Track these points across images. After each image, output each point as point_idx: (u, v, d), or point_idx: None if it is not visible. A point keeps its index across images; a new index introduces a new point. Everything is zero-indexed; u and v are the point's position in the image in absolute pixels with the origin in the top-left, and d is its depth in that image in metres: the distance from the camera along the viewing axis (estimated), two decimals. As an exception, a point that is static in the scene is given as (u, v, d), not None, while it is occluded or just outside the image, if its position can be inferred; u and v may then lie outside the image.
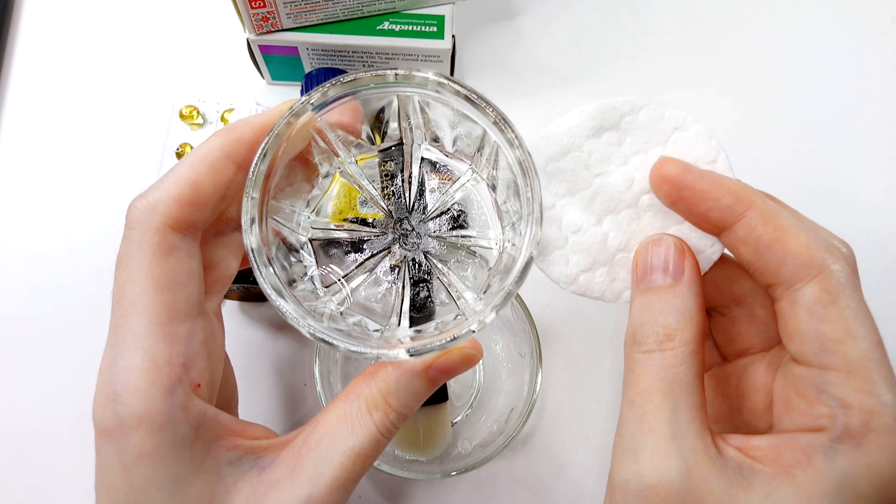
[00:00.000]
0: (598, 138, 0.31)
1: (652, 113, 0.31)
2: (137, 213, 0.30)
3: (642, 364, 0.29)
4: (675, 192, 0.30)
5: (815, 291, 0.27)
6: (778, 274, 0.28)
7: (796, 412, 0.28)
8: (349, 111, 0.30)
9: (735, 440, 0.28)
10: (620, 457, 0.29)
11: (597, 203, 0.32)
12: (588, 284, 0.32)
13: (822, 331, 0.27)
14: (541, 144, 0.32)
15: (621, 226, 0.32)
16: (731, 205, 0.29)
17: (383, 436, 0.31)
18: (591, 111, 0.31)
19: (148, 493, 0.28)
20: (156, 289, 0.29)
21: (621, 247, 0.32)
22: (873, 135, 0.56)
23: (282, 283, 0.28)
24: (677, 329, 0.29)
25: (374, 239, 0.32)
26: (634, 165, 0.32)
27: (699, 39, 0.58)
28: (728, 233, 0.30)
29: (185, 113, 0.50)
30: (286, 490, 0.30)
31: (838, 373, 0.27)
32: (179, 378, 0.29)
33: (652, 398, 0.28)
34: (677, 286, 0.30)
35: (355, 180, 0.33)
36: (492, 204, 0.33)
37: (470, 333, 0.27)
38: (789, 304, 0.28)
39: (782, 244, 0.28)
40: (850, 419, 0.26)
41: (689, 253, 0.31)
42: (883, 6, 0.59)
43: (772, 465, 0.27)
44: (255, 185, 0.28)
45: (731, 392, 0.34)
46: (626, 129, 0.32)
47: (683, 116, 0.31)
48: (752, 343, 0.34)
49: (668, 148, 0.32)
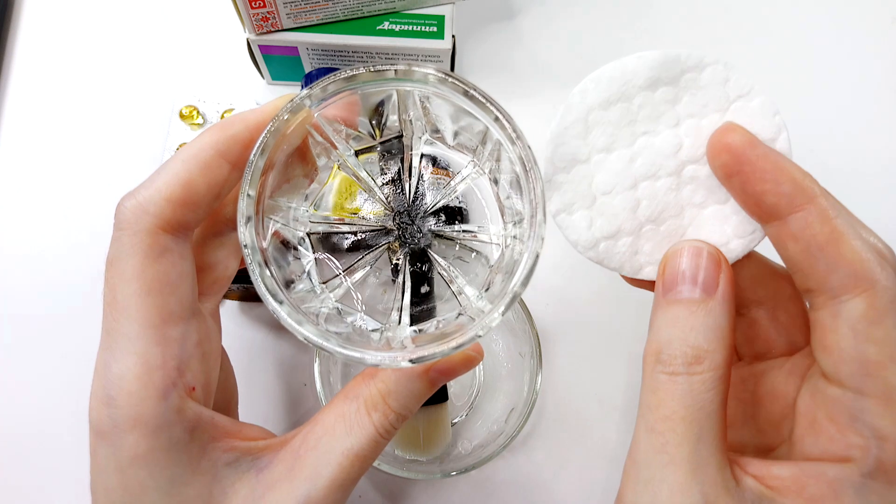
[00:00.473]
0: (652, 92, 0.29)
1: (717, 74, 0.29)
2: (127, 213, 0.29)
3: (666, 387, 0.27)
4: (734, 165, 0.28)
5: (863, 307, 0.25)
6: (824, 281, 0.26)
7: (823, 436, 0.27)
8: (346, 104, 0.30)
9: (753, 468, 0.27)
10: (635, 486, 0.27)
11: (636, 165, 0.29)
12: (608, 253, 0.30)
13: (863, 351, 0.25)
14: (588, 87, 0.29)
15: (657, 195, 0.29)
16: (791, 193, 0.27)
17: (382, 436, 0.31)
18: (652, 59, 0.28)
19: (143, 494, 0.28)
20: (147, 292, 0.28)
21: (652, 218, 0.29)
22: (873, 135, 0.56)
23: (279, 285, 0.27)
24: (708, 351, 0.27)
25: (374, 233, 0.32)
26: (686, 129, 0.29)
27: (699, 39, 0.58)
28: (779, 223, 0.27)
29: (185, 113, 0.50)
30: (284, 490, 0.29)
31: (876, 400, 0.25)
32: (173, 382, 0.28)
33: (675, 427, 0.26)
34: (710, 302, 0.27)
35: (354, 173, 0.32)
36: (493, 198, 0.32)
37: (474, 339, 0.26)
38: (831, 316, 0.26)
39: (836, 249, 0.26)
40: (884, 453, 0.25)
41: (725, 265, 0.28)
42: (883, 6, 0.59)
43: (794, 499, 0.25)
44: (252, 183, 0.28)
45: (746, 396, 0.32)
46: (686, 86, 0.29)
47: (750, 84, 0.29)
48: (773, 347, 0.32)
49: (728, 116, 0.29)
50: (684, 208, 0.30)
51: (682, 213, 0.30)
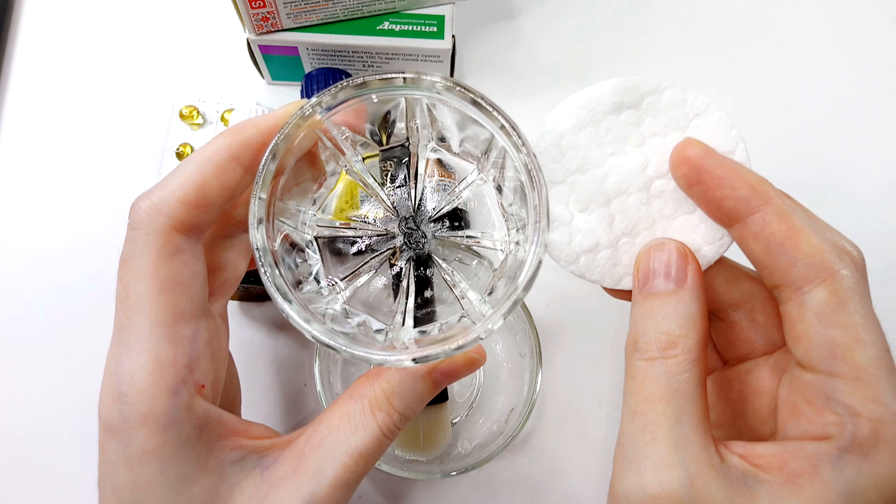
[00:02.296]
0: (617, 116, 0.31)
1: (675, 96, 0.31)
2: (142, 213, 0.29)
3: (644, 372, 0.28)
4: (694, 175, 0.30)
5: (824, 295, 0.27)
6: (787, 275, 0.28)
7: (803, 419, 0.28)
8: (353, 111, 0.30)
9: (738, 447, 0.28)
10: (622, 467, 0.28)
11: (608, 183, 0.31)
12: (589, 266, 0.31)
13: (830, 336, 0.27)
14: (559, 115, 0.31)
15: (629, 209, 0.31)
16: (748, 196, 0.28)
17: (386, 436, 0.31)
18: (614, 86, 0.30)
19: (152, 490, 0.28)
20: (160, 290, 0.29)
21: (626, 231, 0.31)
22: (873, 134, 0.56)
23: (287, 286, 0.28)
24: (680, 336, 0.28)
25: (379, 237, 0.32)
26: (651, 148, 0.31)
27: (699, 39, 0.59)
28: (740, 225, 0.29)
29: (185, 113, 0.50)
30: (289, 488, 0.30)
31: (846, 380, 0.26)
32: (184, 379, 0.29)
33: (655, 407, 0.27)
34: (680, 292, 0.29)
35: (361, 178, 0.33)
36: (497, 205, 0.32)
37: (476, 341, 0.27)
38: (797, 306, 0.28)
39: (794, 244, 0.27)
40: (858, 428, 0.26)
41: (692, 258, 0.30)
42: (883, 6, 0.59)
43: (777, 475, 0.26)
44: (264, 187, 0.28)
45: (733, 396, 0.33)
46: (647, 109, 0.31)
47: (706, 103, 0.31)
48: (754, 347, 0.33)
49: (688, 133, 0.31)
50: (656, 220, 0.31)
51: (654, 226, 0.31)
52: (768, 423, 0.31)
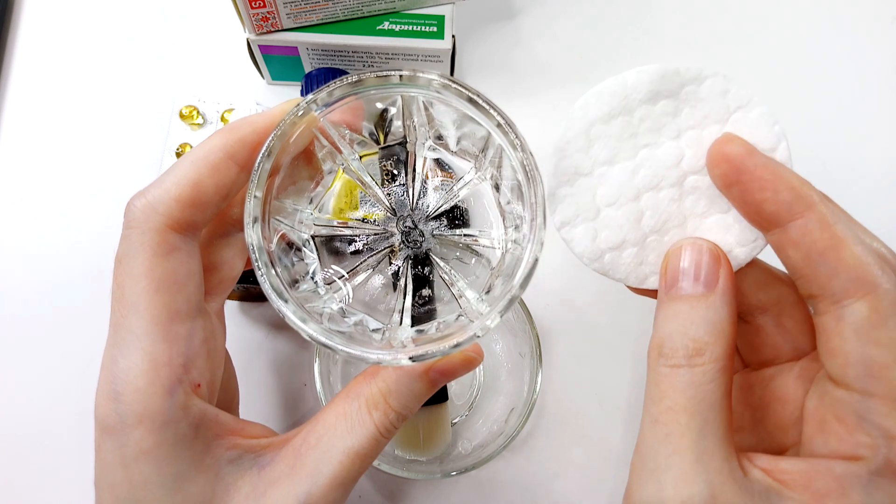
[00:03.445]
0: (653, 105, 0.29)
1: (716, 86, 0.29)
2: (137, 212, 0.29)
3: (669, 379, 0.27)
4: (733, 175, 0.28)
5: (865, 311, 0.26)
6: (826, 286, 0.26)
7: (832, 436, 0.27)
8: (350, 109, 0.30)
9: (762, 461, 0.27)
10: (640, 476, 0.27)
11: (639, 177, 0.29)
12: (613, 264, 0.30)
13: (868, 354, 0.25)
14: (590, 101, 0.29)
15: (660, 205, 0.30)
16: (790, 201, 0.27)
17: (383, 435, 0.31)
18: (652, 73, 0.29)
19: (148, 489, 0.28)
20: (156, 289, 0.29)
21: (656, 228, 0.30)
22: (873, 134, 0.56)
23: (283, 285, 0.28)
24: (708, 343, 0.27)
25: (377, 236, 0.32)
26: (687, 141, 0.29)
27: (699, 39, 0.58)
28: (779, 231, 0.28)
29: (185, 113, 0.50)
30: (285, 487, 0.30)
31: (883, 400, 0.25)
32: (179, 378, 0.29)
33: (678, 417, 0.26)
34: (710, 296, 0.28)
35: (358, 177, 0.33)
36: (495, 203, 0.32)
37: (473, 339, 0.27)
38: (834, 320, 0.26)
39: (837, 255, 0.26)
40: (892, 452, 0.25)
41: (724, 260, 0.29)
42: (883, 6, 0.59)
43: (802, 492, 0.25)
44: (259, 185, 0.28)
45: (755, 401, 0.32)
46: (686, 99, 0.29)
47: (749, 96, 0.29)
48: (780, 353, 0.32)
49: (728, 127, 0.29)
50: (687, 218, 0.30)
51: (684, 223, 0.30)
52: (791, 432, 0.30)
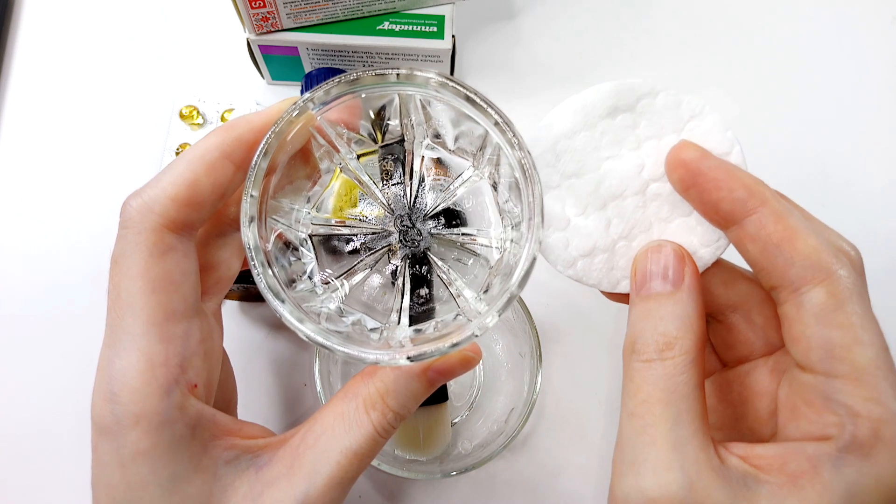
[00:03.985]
0: (612, 119, 0.31)
1: (670, 99, 0.31)
2: (133, 211, 0.29)
3: (642, 374, 0.28)
4: (690, 178, 0.30)
5: (822, 296, 0.27)
6: (784, 276, 0.28)
7: (803, 420, 0.28)
8: (348, 108, 0.30)
9: (738, 449, 0.28)
10: (621, 469, 0.28)
11: (603, 187, 0.31)
12: (586, 270, 0.32)
13: (828, 337, 0.27)
14: (553, 120, 0.31)
15: (625, 213, 0.31)
16: (744, 198, 0.28)
17: (380, 435, 0.31)
18: (609, 90, 0.30)
19: (145, 490, 0.28)
20: (152, 289, 0.29)
21: (623, 234, 0.31)
22: (873, 134, 0.56)
23: (280, 285, 0.28)
24: (677, 337, 0.28)
25: (375, 235, 0.32)
26: (646, 151, 0.31)
27: (699, 39, 0.58)
28: (737, 227, 0.29)
29: (185, 113, 0.50)
30: (283, 488, 0.30)
31: (846, 380, 0.26)
32: (176, 379, 0.29)
33: (653, 409, 0.27)
34: (677, 293, 0.29)
35: (356, 176, 0.32)
36: (493, 202, 0.32)
37: (471, 338, 0.27)
38: (794, 308, 0.28)
39: (791, 245, 0.27)
40: (858, 428, 0.26)
41: (689, 259, 0.30)
42: (883, 6, 0.59)
43: (777, 475, 0.26)
44: (255, 184, 0.28)
45: (733, 398, 0.33)
46: (642, 112, 0.31)
47: (701, 105, 0.31)
48: (752, 349, 0.33)
49: (684, 136, 0.31)
50: (652, 223, 0.31)
51: (650, 228, 0.31)
52: (769, 424, 0.31)
